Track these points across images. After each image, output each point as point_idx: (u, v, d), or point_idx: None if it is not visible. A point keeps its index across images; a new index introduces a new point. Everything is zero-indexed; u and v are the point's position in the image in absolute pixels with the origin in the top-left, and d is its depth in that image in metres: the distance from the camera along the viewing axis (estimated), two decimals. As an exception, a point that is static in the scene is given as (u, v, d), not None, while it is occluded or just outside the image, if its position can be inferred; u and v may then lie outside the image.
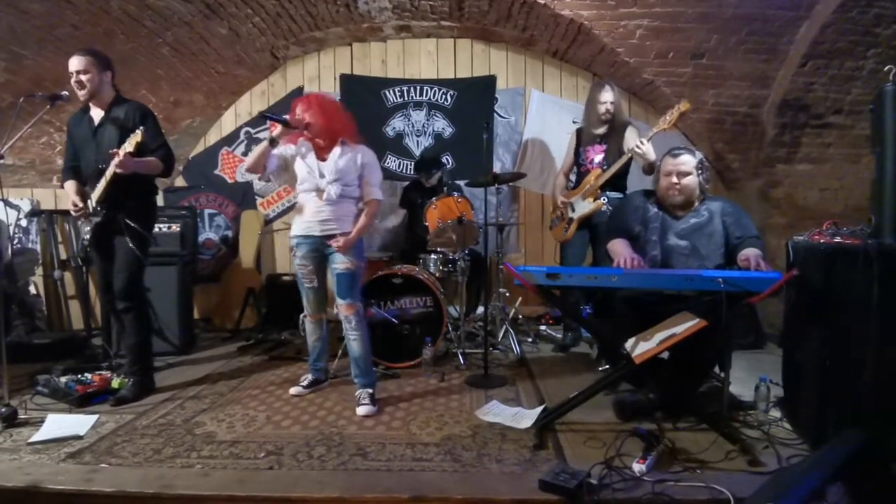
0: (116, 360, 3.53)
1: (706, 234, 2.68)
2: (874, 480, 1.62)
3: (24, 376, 3.18)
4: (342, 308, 2.83)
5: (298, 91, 4.90)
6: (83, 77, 2.85)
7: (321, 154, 2.82)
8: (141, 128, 2.66)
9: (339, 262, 2.78)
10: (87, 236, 2.98)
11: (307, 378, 3.04)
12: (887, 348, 1.87)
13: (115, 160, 2.68)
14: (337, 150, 2.80)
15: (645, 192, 2.95)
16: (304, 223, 2.82)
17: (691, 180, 2.69)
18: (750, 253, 2.45)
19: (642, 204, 2.86)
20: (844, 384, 2.06)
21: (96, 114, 2.98)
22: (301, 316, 3.09)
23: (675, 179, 2.70)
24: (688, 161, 2.70)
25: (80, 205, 2.91)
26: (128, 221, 2.90)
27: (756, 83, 4.11)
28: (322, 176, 2.77)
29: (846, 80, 3.89)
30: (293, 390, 2.95)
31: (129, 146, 2.66)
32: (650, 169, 3.38)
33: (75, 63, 2.85)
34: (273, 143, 2.67)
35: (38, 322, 4.42)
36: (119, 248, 2.95)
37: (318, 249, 2.83)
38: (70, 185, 3.01)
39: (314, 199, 2.78)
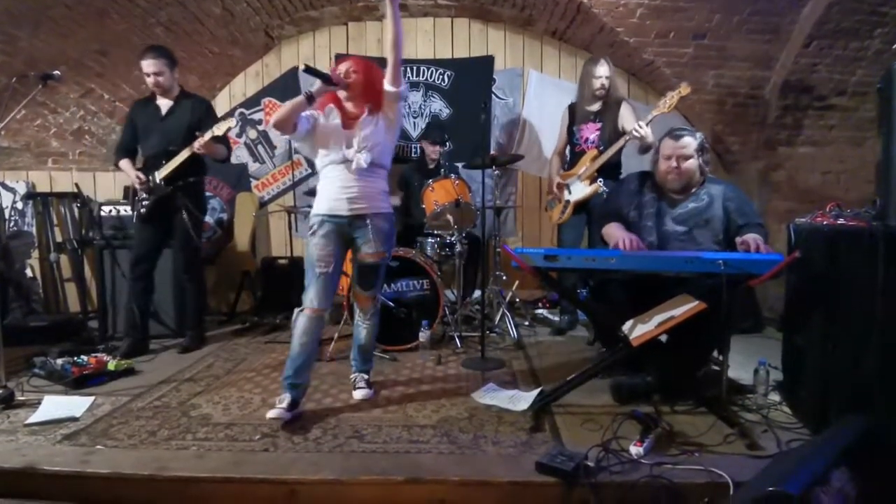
0: (112, 343, 3.55)
1: (705, 219, 2.63)
2: (879, 465, 1.60)
3: (20, 358, 3.18)
4: (362, 299, 2.71)
5: (293, 71, 4.82)
6: (160, 78, 3.30)
7: (348, 123, 2.50)
8: (232, 118, 3.21)
9: (370, 252, 2.54)
10: (143, 209, 3.35)
11: (285, 398, 2.41)
12: (891, 331, 1.85)
13: (200, 141, 3.13)
14: (364, 116, 2.49)
15: (641, 175, 2.87)
16: (330, 201, 2.50)
17: (692, 164, 2.62)
18: (749, 237, 2.41)
19: (637, 188, 2.80)
20: (847, 368, 2.04)
21: (164, 103, 3.40)
22: (297, 310, 2.54)
23: (674, 163, 2.61)
24: (689, 143, 2.62)
25: (144, 178, 3.33)
26: (185, 201, 3.35)
27: (758, 64, 4.05)
28: (350, 146, 2.47)
29: (851, 60, 3.83)
30: (272, 414, 2.34)
31: (218, 131, 3.11)
32: (646, 150, 3.35)
33: (151, 66, 3.27)
34: (311, 99, 2.38)
35: (34, 305, 4.40)
36: (178, 227, 3.40)
37: (344, 231, 2.53)
38: (126, 163, 3.43)
39: (342, 171, 2.48)
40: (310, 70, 2.36)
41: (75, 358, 2.98)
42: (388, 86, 2.50)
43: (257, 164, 5.02)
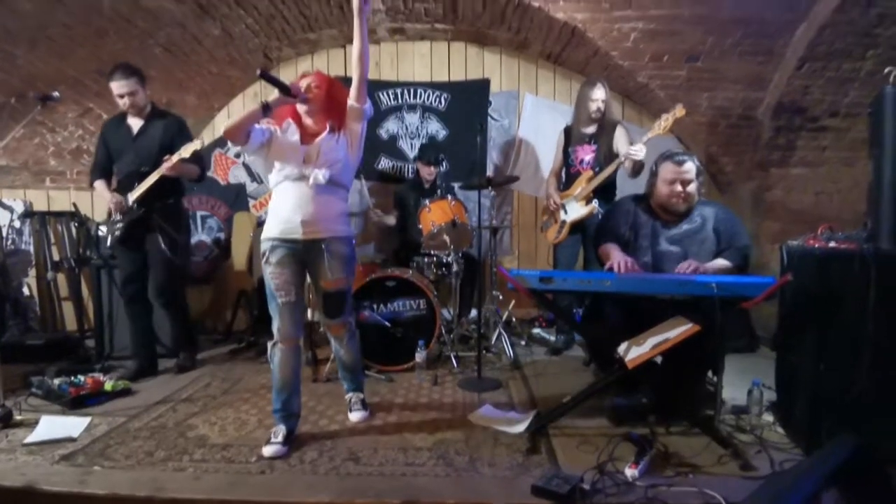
0: (108, 363, 3.54)
1: (698, 240, 2.68)
2: (869, 486, 1.61)
3: (17, 377, 3.19)
4: (332, 328, 2.58)
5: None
6: (134, 98, 3.21)
7: (307, 139, 2.39)
8: (197, 140, 3.12)
9: (330, 280, 2.41)
10: (118, 232, 3.25)
11: (279, 431, 2.34)
12: (882, 352, 1.88)
13: (167, 164, 3.05)
14: (325, 133, 2.39)
15: (635, 198, 2.91)
16: (283, 222, 2.35)
17: (694, 188, 2.67)
18: (683, 264, 2.50)
19: (632, 209, 2.84)
20: (839, 388, 2.05)
21: (134, 122, 3.31)
22: (269, 344, 2.42)
23: (679, 188, 2.65)
24: (691, 169, 2.66)
25: (119, 198, 3.24)
26: (160, 222, 3.26)
27: (751, 86, 4.11)
28: (308, 161, 2.34)
29: (843, 82, 3.88)
30: (268, 451, 2.24)
31: (185, 153, 3.04)
32: (637, 172, 3.40)
33: (124, 86, 3.16)
34: (266, 109, 2.24)
35: (31, 323, 4.41)
36: (152, 248, 3.29)
37: (299, 256, 2.38)
38: (100, 184, 3.35)
39: (298, 189, 2.34)
40: (266, 77, 2.19)
41: (72, 378, 2.99)
42: (352, 102, 2.42)
43: (255, 184, 5.05)
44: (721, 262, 2.58)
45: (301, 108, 2.38)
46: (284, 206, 2.35)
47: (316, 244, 2.37)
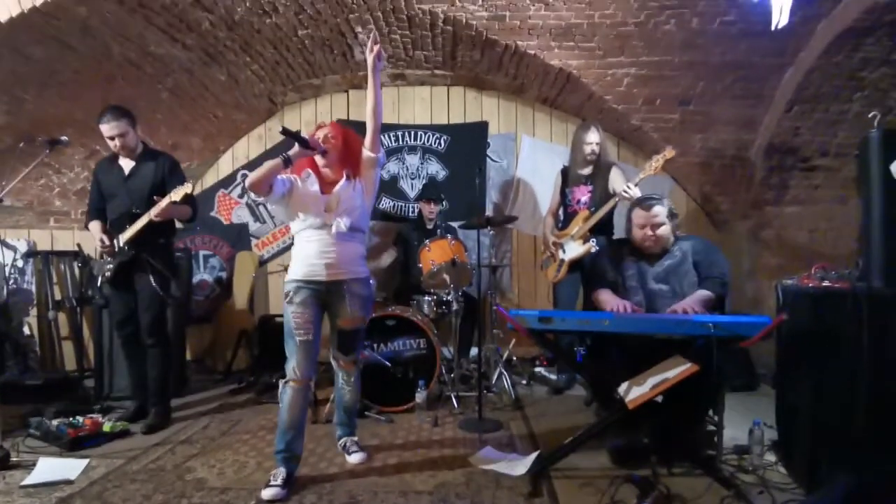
0: (108, 403, 3.52)
1: (681, 273, 2.74)
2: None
3: (16, 418, 3.17)
4: (344, 363, 2.69)
5: (297, 134, 4.98)
6: (125, 139, 3.14)
7: (326, 188, 2.51)
8: (189, 183, 3.01)
9: (348, 318, 2.54)
10: (108, 273, 3.18)
11: (279, 473, 2.33)
12: (878, 391, 1.89)
13: (155, 210, 2.99)
14: (342, 182, 2.50)
15: (618, 242, 3.02)
16: (307, 266, 2.46)
17: (665, 230, 2.76)
18: (678, 305, 2.54)
19: (616, 253, 2.93)
20: (837, 427, 2.06)
21: (126, 163, 3.24)
22: (282, 382, 2.46)
23: (650, 231, 2.76)
24: (660, 212, 2.76)
25: (108, 243, 3.15)
26: (151, 261, 3.16)
27: (743, 127, 4.22)
28: (329, 210, 2.46)
29: (832, 123, 3.97)
30: (267, 494, 2.23)
31: (175, 196, 2.95)
32: None
33: (114, 129, 3.09)
34: (287, 162, 2.35)
35: (30, 362, 4.38)
36: (143, 287, 3.19)
37: (321, 297, 2.48)
38: (95, 225, 3.26)
39: (321, 236, 2.46)
40: (287, 133, 2.34)
41: (71, 419, 2.97)
42: (366, 152, 2.53)
43: (258, 224, 5.12)
44: (701, 294, 2.62)
45: (319, 159, 2.49)
46: (309, 252, 2.47)
47: (337, 285, 2.49)
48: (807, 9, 3.30)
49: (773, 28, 2.89)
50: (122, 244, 3.16)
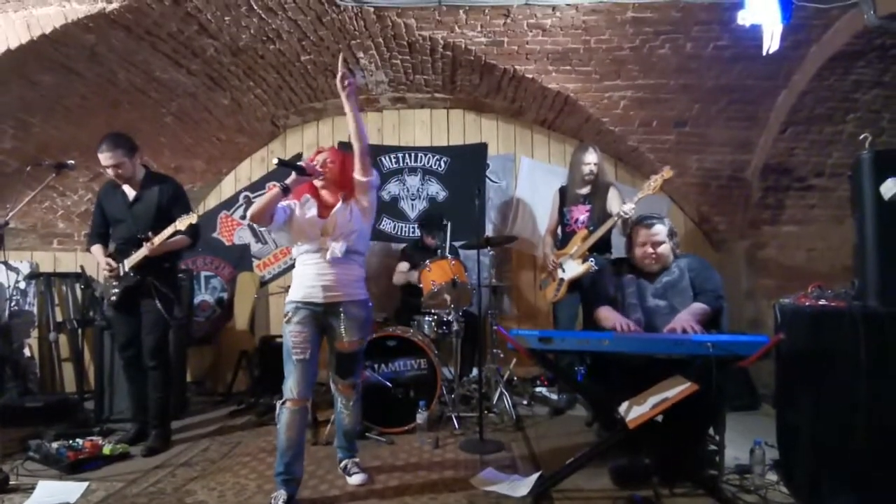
0: (107, 426, 3.51)
1: (679, 290, 2.77)
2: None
3: (15, 441, 3.15)
4: (342, 387, 2.69)
5: (297, 157, 5.05)
6: (119, 171, 3.12)
7: (324, 212, 2.55)
8: (193, 213, 3.08)
9: (346, 341, 2.55)
10: (114, 297, 3.19)
11: (279, 496, 2.34)
12: (877, 409, 1.90)
13: (152, 245, 3.03)
14: (339, 205, 2.55)
15: (617, 261, 3.05)
16: (305, 288, 2.50)
17: (665, 248, 2.80)
18: (676, 323, 2.55)
19: (616, 272, 2.96)
20: (837, 446, 2.06)
21: (129, 189, 3.23)
22: (279, 403, 2.47)
23: (650, 249, 2.79)
24: (661, 231, 2.80)
25: (114, 265, 3.18)
26: (157, 285, 3.18)
27: (738, 149, 4.27)
28: (325, 234, 2.51)
29: (826, 144, 4.03)
30: None
31: (180, 225, 3.03)
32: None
33: (109, 159, 3.09)
34: (286, 190, 2.41)
35: (30, 385, 4.37)
36: (148, 310, 3.20)
37: (319, 318, 2.52)
38: (97, 249, 3.30)
39: (318, 259, 2.50)
40: (283, 163, 2.43)
41: (70, 441, 2.96)
42: (357, 175, 2.55)
43: (260, 245, 5.15)
44: (697, 307, 2.65)
45: (318, 182, 2.57)
46: (307, 274, 2.52)
47: (335, 307, 2.52)
48: (797, 34, 3.37)
49: (764, 53, 2.96)
50: (127, 269, 3.17)
